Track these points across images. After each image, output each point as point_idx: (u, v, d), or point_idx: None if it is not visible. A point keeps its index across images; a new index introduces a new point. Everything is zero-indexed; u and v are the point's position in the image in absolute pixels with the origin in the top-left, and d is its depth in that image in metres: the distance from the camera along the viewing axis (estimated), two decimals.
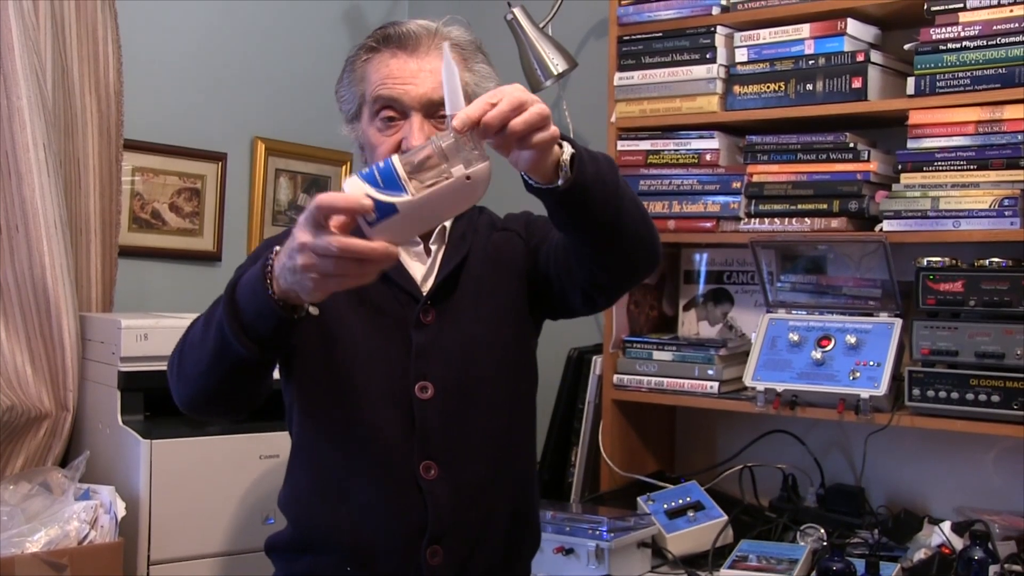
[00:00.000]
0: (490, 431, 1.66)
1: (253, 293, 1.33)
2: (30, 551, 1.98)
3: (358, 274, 1.23)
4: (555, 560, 2.08)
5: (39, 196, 2.31)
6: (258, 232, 2.97)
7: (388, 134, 1.63)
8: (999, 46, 2.06)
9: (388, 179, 1.19)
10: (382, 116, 1.64)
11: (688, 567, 2.13)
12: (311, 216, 1.21)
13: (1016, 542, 2.04)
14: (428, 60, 1.62)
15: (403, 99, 1.62)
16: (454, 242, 1.70)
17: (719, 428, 2.62)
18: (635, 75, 2.47)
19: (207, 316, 1.45)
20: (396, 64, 1.63)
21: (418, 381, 1.60)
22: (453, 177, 1.21)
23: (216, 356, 1.40)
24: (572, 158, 1.36)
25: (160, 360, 2.24)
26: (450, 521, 1.60)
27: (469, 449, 1.63)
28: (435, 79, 1.60)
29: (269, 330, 1.35)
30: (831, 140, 2.26)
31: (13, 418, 2.28)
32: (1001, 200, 2.03)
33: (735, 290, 2.59)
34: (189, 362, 1.47)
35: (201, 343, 1.43)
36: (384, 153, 1.62)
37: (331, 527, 1.62)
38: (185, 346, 1.50)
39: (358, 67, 1.69)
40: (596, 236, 1.46)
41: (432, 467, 1.60)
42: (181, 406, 1.55)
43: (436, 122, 1.62)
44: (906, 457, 2.36)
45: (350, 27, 3.21)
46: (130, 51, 2.61)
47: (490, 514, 1.65)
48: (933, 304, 2.09)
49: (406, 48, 1.64)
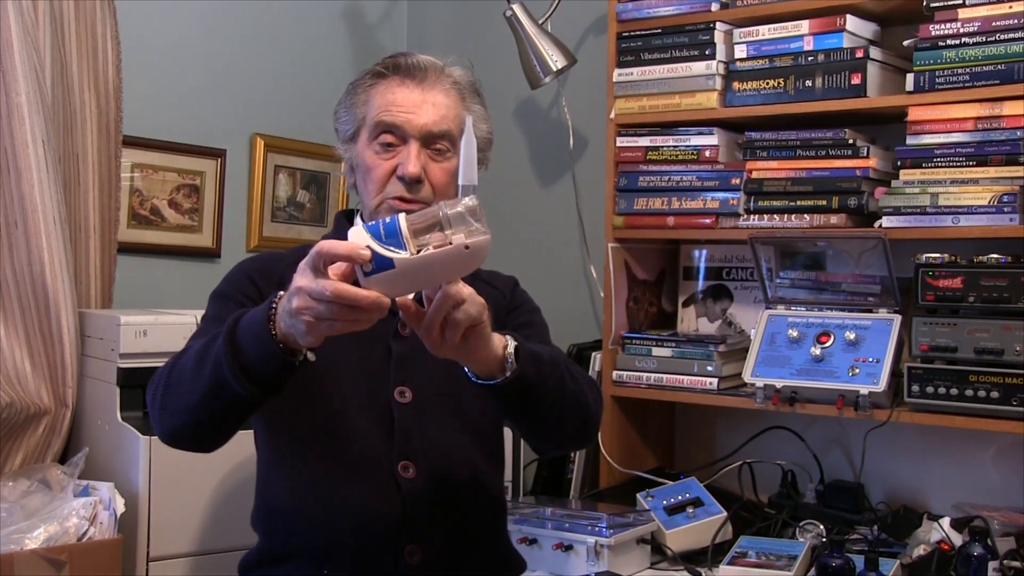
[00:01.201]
0: (465, 439, 1.70)
1: (256, 336, 1.34)
2: (29, 548, 1.98)
3: (350, 320, 1.25)
4: (554, 556, 2.08)
5: (38, 193, 2.31)
6: (257, 228, 2.97)
7: (385, 158, 1.68)
8: (998, 42, 2.06)
9: (391, 234, 1.24)
10: (381, 140, 1.68)
11: (687, 563, 2.13)
12: (311, 261, 1.25)
13: (1015, 538, 2.04)
14: (432, 93, 1.69)
15: (405, 127, 1.67)
16: None
17: (718, 424, 2.62)
18: (634, 71, 2.47)
19: (199, 353, 1.43)
20: (402, 92, 1.69)
21: (397, 386, 1.64)
22: (452, 244, 1.25)
23: (210, 394, 1.41)
24: (516, 350, 1.44)
25: (160, 356, 2.26)
26: (428, 519, 1.62)
27: (446, 452, 1.67)
28: (437, 112, 1.68)
29: (270, 373, 1.36)
30: (830, 136, 2.26)
31: (12, 415, 2.28)
32: (1000, 196, 2.03)
33: (734, 286, 2.59)
34: (176, 396, 1.46)
35: (193, 380, 1.42)
36: (379, 177, 1.67)
37: (308, 533, 1.63)
38: (171, 380, 1.48)
39: (362, 91, 1.73)
40: (528, 424, 1.58)
41: (410, 467, 1.63)
42: (163, 437, 1.55)
43: (432, 153, 1.68)
44: (905, 453, 2.36)
45: (349, 25, 3.21)
46: (129, 48, 2.61)
47: (468, 517, 1.68)
48: (932, 300, 2.09)
49: (414, 78, 1.70)
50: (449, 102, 1.70)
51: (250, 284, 1.68)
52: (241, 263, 1.76)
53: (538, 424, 1.58)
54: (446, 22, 3.28)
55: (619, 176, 2.50)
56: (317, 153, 3.07)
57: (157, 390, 1.51)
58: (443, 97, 1.70)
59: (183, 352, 1.51)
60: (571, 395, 1.58)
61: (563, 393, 1.55)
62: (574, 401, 1.59)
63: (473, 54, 3.15)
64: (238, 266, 1.75)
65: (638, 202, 2.47)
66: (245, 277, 1.69)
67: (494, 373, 1.44)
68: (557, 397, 1.54)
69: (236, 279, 1.70)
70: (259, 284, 1.68)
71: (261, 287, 1.68)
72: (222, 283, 1.72)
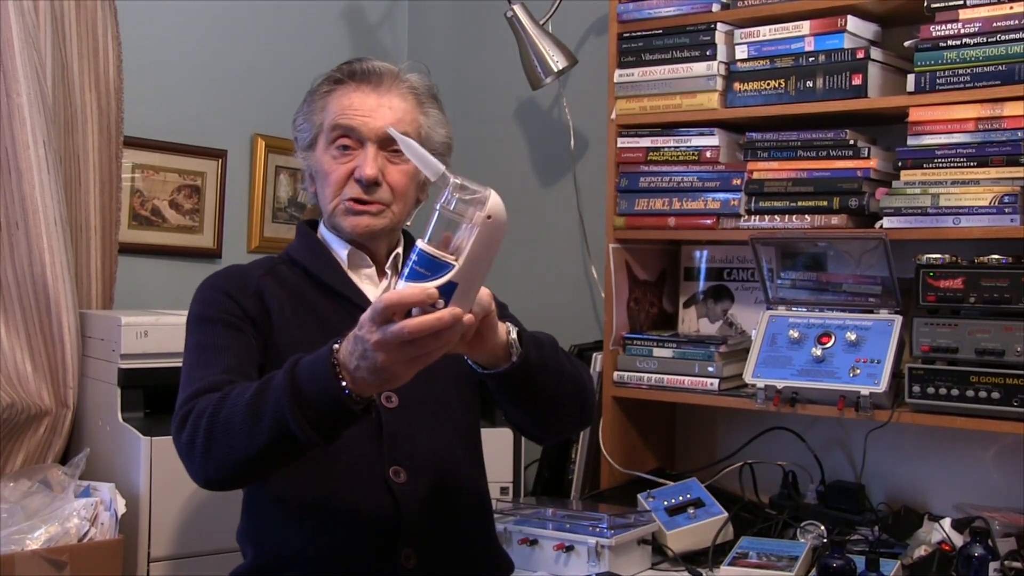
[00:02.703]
0: (451, 441, 1.71)
1: (328, 395, 1.34)
2: (30, 548, 1.98)
3: (438, 346, 1.28)
4: (555, 557, 2.08)
5: (39, 193, 2.31)
6: (258, 229, 2.97)
7: (342, 162, 1.70)
8: (999, 43, 2.06)
9: (430, 265, 1.26)
10: (338, 144, 1.71)
11: (688, 564, 2.13)
12: (378, 315, 1.26)
13: (1016, 539, 2.04)
14: (388, 98, 1.72)
15: (361, 129, 1.69)
16: None
17: (719, 425, 2.62)
18: (635, 72, 2.47)
19: (251, 406, 1.41)
20: (358, 97, 1.71)
21: (382, 393, 1.63)
22: (477, 225, 1.27)
23: (272, 448, 1.40)
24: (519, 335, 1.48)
25: (160, 357, 2.26)
26: (422, 523, 1.62)
27: (433, 455, 1.67)
28: (393, 115, 1.70)
29: (343, 425, 1.38)
30: (831, 137, 2.26)
31: (13, 415, 2.28)
32: (1001, 197, 2.03)
33: (735, 287, 2.59)
34: (227, 448, 1.44)
35: (249, 434, 1.40)
36: (336, 180, 1.70)
37: (302, 543, 1.62)
38: (215, 429, 1.45)
39: (319, 97, 1.76)
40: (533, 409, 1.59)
41: (401, 471, 1.63)
42: (206, 482, 1.52)
43: (388, 155, 1.70)
44: (906, 454, 2.36)
45: (350, 25, 3.21)
46: (130, 48, 2.61)
47: (459, 518, 1.69)
48: (933, 301, 2.09)
49: (370, 83, 1.72)
50: (406, 106, 1.73)
51: (230, 302, 1.65)
52: (210, 282, 1.71)
53: (542, 408, 1.60)
54: (447, 22, 3.28)
55: (620, 177, 2.50)
56: None
57: (196, 438, 1.47)
58: (400, 101, 1.72)
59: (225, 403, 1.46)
60: (570, 376, 1.61)
61: (563, 374, 1.59)
62: (573, 381, 1.62)
63: (474, 54, 3.18)
64: (208, 287, 1.70)
65: (639, 203, 2.47)
66: (222, 295, 1.66)
67: (499, 361, 1.47)
68: (559, 378, 1.57)
69: (213, 300, 1.66)
70: (238, 300, 1.66)
71: (241, 303, 1.65)
72: (199, 307, 1.68)
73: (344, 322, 1.66)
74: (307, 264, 1.75)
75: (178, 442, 1.53)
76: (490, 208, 1.28)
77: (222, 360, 1.58)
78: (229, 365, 1.57)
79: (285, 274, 1.74)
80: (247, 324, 1.64)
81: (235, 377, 1.54)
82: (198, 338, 1.64)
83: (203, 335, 1.63)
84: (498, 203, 1.29)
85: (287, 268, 1.76)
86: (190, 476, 1.54)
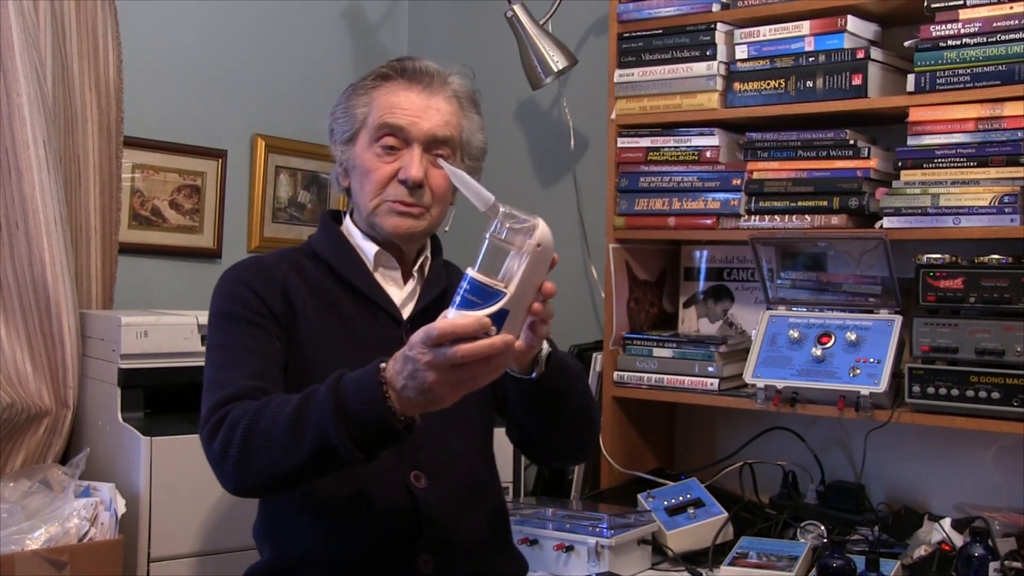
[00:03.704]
0: (470, 449, 1.71)
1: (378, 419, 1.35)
2: (30, 548, 1.98)
3: (487, 371, 1.30)
4: (555, 557, 2.08)
5: (39, 193, 2.31)
6: (258, 229, 2.97)
7: (386, 161, 1.67)
8: (999, 43, 2.06)
9: (482, 293, 1.30)
10: (383, 143, 1.67)
11: (688, 564, 2.13)
12: (431, 340, 1.27)
13: (1016, 539, 2.04)
14: (436, 100, 1.69)
15: (410, 130, 1.66)
16: (432, 277, 1.75)
17: (719, 425, 2.62)
18: (635, 72, 2.47)
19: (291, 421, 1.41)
20: (407, 96, 1.68)
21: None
22: (527, 254, 1.31)
23: (312, 462, 1.41)
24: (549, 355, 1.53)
25: (160, 357, 2.27)
26: (441, 528, 1.61)
27: (453, 460, 1.67)
28: (440, 117, 1.68)
29: (385, 443, 1.39)
30: (831, 137, 2.26)
31: (13, 415, 2.28)
32: (1001, 197, 2.03)
33: (735, 287, 2.59)
34: (265, 459, 1.44)
35: (293, 447, 1.40)
36: (379, 180, 1.67)
37: (320, 544, 1.61)
38: (252, 440, 1.44)
39: (364, 92, 1.71)
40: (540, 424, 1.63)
41: (421, 476, 1.62)
42: (238, 489, 1.52)
43: (432, 157, 1.68)
44: (906, 454, 2.36)
45: (350, 25, 3.21)
46: (130, 48, 2.61)
47: (477, 523, 1.69)
48: (933, 301, 2.09)
49: (420, 83, 1.69)
50: (451, 109, 1.70)
51: (254, 297, 1.63)
52: (233, 276, 1.68)
53: (547, 426, 1.63)
54: (447, 22, 3.28)
55: (620, 177, 2.50)
56: (318, 154, 3.07)
57: (230, 448, 1.46)
58: (446, 104, 1.70)
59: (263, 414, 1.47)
60: (584, 406, 1.65)
61: (577, 402, 1.63)
62: (584, 413, 1.66)
63: (474, 54, 3.17)
64: (231, 279, 1.67)
65: (639, 203, 2.47)
66: (246, 290, 1.63)
67: (524, 368, 1.52)
68: (571, 404, 1.61)
69: (238, 295, 1.63)
70: (263, 295, 1.63)
71: (266, 298, 1.63)
72: (222, 301, 1.65)
73: (367, 323, 1.67)
74: (331, 261, 1.71)
75: (209, 450, 1.51)
76: (539, 237, 1.32)
77: (249, 363, 1.56)
78: (255, 369, 1.55)
79: (308, 269, 1.71)
80: (271, 322, 1.62)
81: (262, 383, 1.53)
82: (222, 336, 1.61)
83: (228, 333, 1.61)
84: (546, 232, 1.33)
85: (310, 262, 1.72)
86: (220, 483, 1.53)
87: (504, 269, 1.31)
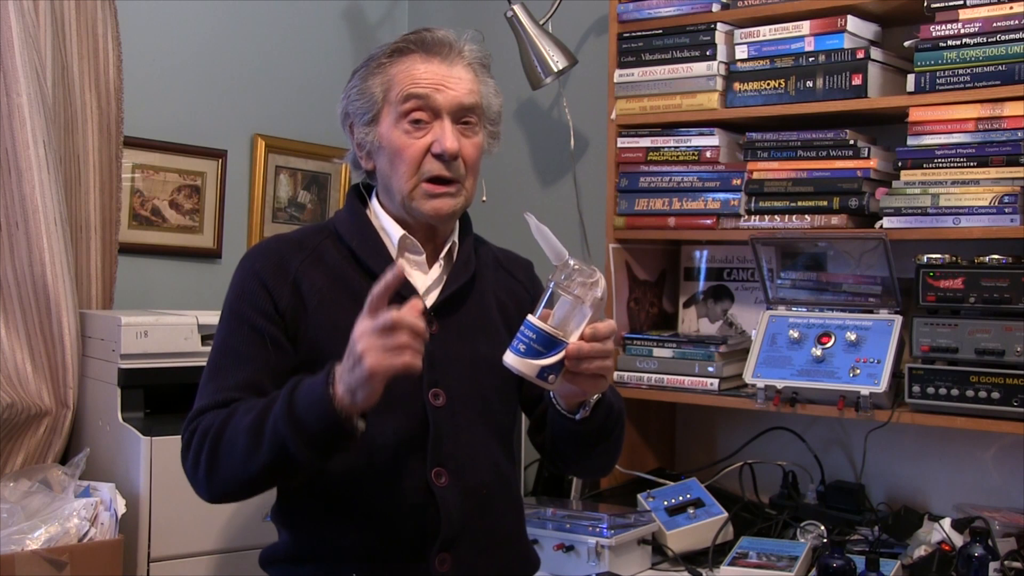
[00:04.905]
0: (491, 444, 1.69)
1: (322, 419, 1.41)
2: (30, 548, 1.98)
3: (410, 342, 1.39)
4: (555, 557, 2.08)
5: (39, 193, 2.31)
6: (258, 229, 2.97)
7: (416, 136, 1.62)
8: (999, 43, 2.06)
9: (548, 343, 1.41)
10: (412, 118, 1.62)
11: (688, 564, 2.13)
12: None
13: (1016, 539, 2.04)
14: (456, 68, 1.65)
15: (438, 99, 1.62)
16: (460, 264, 1.71)
17: (719, 425, 2.62)
18: (635, 72, 2.47)
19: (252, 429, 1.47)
20: (426, 68, 1.64)
21: (431, 388, 1.61)
22: (591, 307, 1.43)
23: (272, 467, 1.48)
24: (598, 402, 1.59)
25: (160, 357, 2.27)
26: (460, 527, 1.60)
27: (475, 458, 1.65)
28: (464, 85, 1.65)
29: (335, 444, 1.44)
30: (831, 137, 2.26)
31: (13, 415, 2.28)
32: (1001, 197, 2.03)
33: (735, 287, 2.59)
34: (230, 467, 1.51)
35: (250, 454, 1.47)
36: (413, 157, 1.62)
37: (337, 534, 1.61)
38: (219, 449, 1.51)
39: (377, 70, 1.66)
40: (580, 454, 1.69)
41: (443, 474, 1.61)
42: (211, 498, 1.58)
43: (461, 127, 1.64)
44: (906, 454, 2.36)
45: (350, 25, 3.21)
46: (130, 48, 2.61)
47: (496, 521, 1.68)
48: (933, 301, 2.09)
49: (439, 53, 1.65)
50: (471, 76, 1.66)
51: (264, 295, 1.61)
52: (250, 263, 1.66)
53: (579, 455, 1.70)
54: (447, 22, 3.26)
55: (620, 177, 2.50)
56: (318, 154, 3.07)
57: (200, 456, 1.52)
58: (465, 72, 1.66)
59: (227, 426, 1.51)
60: (617, 441, 1.70)
61: (618, 438, 1.70)
62: (617, 445, 1.72)
63: None
64: (249, 272, 1.65)
65: (639, 203, 2.47)
66: (259, 286, 1.62)
67: (574, 407, 1.58)
68: (613, 442, 1.69)
69: (249, 291, 1.62)
70: (273, 291, 1.61)
71: (275, 294, 1.61)
72: (235, 296, 1.64)
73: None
74: (353, 245, 1.67)
75: (184, 462, 1.58)
76: (602, 290, 1.42)
77: (238, 372, 1.58)
78: (241, 379, 1.57)
79: (329, 253, 1.67)
80: (274, 324, 1.60)
81: (243, 394, 1.56)
82: (225, 335, 1.63)
83: (230, 334, 1.62)
84: (603, 284, 1.44)
85: (332, 245, 1.68)
86: (196, 492, 1.59)
87: (565, 317, 1.42)
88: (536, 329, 1.40)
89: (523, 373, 1.42)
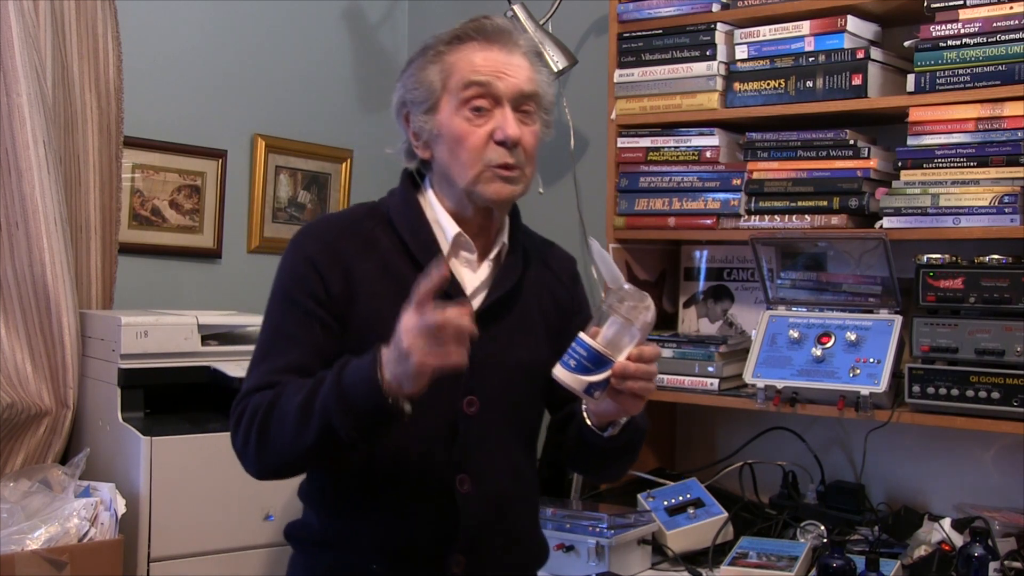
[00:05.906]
0: (515, 452, 1.70)
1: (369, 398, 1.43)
2: (30, 548, 1.98)
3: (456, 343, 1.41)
4: (555, 557, 2.08)
5: (39, 193, 2.31)
6: (258, 229, 2.97)
7: (478, 124, 1.61)
8: (999, 43, 2.06)
9: (597, 360, 1.48)
10: (473, 105, 1.62)
11: (688, 564, 2.13)
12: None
13: (1016, 539, 2.04)
14: (515, 56, 1.66)
15: (500, 86, 1.62)
16: (508, 267, 1.70)
17: (719, 425, 2.62)
18: (635, 72, 2.47)
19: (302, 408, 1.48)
20: (485, 55, 1.64)
21: (466, 396, 1.62)
22: (640, 330, 1.51)
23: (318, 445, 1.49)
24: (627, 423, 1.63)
25: (160, 357, 2.27)
26: (478, 534, 1.62)
27: (497, 466, 1.66)
28: (523, 73, 1.65)
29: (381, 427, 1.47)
30: (831, 137, 2.26)
31: (13, 415, 2.29)
32: (1001, 197, 2.03)
33: (735, 287, 2.59)
34: (280, 443, 1.53)
35: (300, 431, 1.49)
36: (476, 145, 1.61)
37: (361, 527, 1.63)
38: (270, 425, 1.53)
39: (434, 58, 1.66)
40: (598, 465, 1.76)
41: (466, 480, 1.62)
42: (259, 473, 1.60)
43: (521, 115, 1.64)
44: (906, 454, 2.36)
45: (350, 25, 3.21)
46: (130, 48, 2.62)
47: (514, 524, 1.69)
48: (933, 301, 2.09)
49: (499, 41, 1.66)
50: (528, 64, 1.67)
51: (316, 279, 1.60)
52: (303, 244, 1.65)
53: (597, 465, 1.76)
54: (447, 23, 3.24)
55: (620, 177, 2.50)
56: (318, 154, 3.08)
57: (251, 432, 1.54)
58: (523, 60, 1.66)
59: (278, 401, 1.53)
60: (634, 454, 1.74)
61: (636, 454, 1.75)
62: (632, 458, 1.76)
63: None
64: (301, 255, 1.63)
65: (639, 203, 2.47)
66: (312, 271, 1.61)
67: (603, 424, 1.62)
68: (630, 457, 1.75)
69: (301, 275, 1.62)
70: (325, 276, 1.60)
71: (327, 279, 1.60)
72: (288, 278, 1.64)
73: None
74: (406, 239, 1.66)
75: (234, 439, 1.59)
76: (652, 315, 1.50)
77: (290, 354, 1.59)
78: (292, 360, 1.58)
79: (380, 241, 1.66)
80: (325, 309, 1.60)
81: (293, 377, 1.57)
82: (278, 319, 1.63)
83: (283, 317, 1.62)
84: (654, 310, 1.51)
85: (383, 233, 1.67)
86: (244, 468, 1.60)
87: (614, 337, 1.49)
88: (587, 347, 1.47)
89: (572, 388, 1.48)
